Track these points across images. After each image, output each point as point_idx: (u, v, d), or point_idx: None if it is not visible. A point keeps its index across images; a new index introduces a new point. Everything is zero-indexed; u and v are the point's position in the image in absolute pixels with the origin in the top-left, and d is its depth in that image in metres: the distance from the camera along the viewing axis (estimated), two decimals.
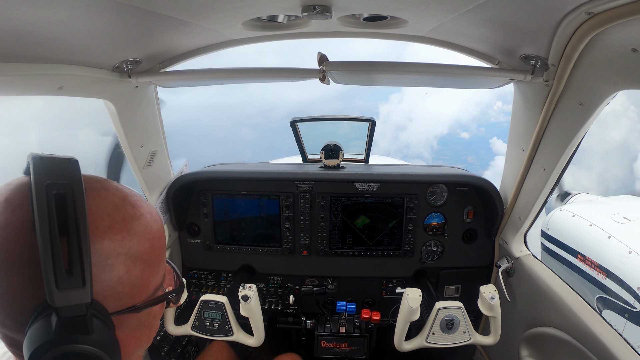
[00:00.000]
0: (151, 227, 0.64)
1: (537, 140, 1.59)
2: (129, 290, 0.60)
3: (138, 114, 1.76)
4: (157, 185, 2.08)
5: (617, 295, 3.34)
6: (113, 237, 0.57)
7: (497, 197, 2.02)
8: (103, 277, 0.56)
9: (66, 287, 0.50)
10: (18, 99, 1.24)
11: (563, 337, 1.59)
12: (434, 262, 2.28)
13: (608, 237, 3.57)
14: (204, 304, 1.77)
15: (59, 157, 0.54)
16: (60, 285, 0.50)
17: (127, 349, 0.64)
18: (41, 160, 0.53)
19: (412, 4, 1.13)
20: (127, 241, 0.59)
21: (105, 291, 0.57)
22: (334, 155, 2.21)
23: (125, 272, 0.59)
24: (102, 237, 0.56)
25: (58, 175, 0.52)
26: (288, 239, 2.26)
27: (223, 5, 1.10)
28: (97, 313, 0.56)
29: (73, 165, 0.54)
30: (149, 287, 0.65)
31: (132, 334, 0.65)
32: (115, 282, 0.58)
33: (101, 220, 0.57)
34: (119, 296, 0.59)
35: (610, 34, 1.01)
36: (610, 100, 1.25)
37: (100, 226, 0.56)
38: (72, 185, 0.52)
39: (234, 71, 1.59)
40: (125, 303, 0.61)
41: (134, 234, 0.60)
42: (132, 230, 0.60)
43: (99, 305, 0.56)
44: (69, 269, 0.51)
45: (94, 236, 0.55)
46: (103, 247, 0.56)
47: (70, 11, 0.91)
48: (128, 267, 0.59)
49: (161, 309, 0.74)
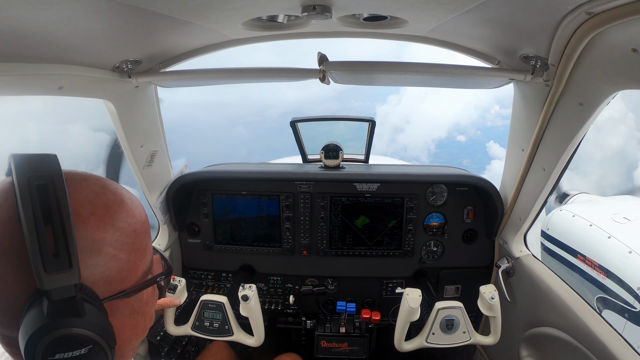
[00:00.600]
0: (133, 211, 0.66)
1: (537, 140, 1.59)
2: (118, 274, 0.62)
3: (138, 114, 1.76)
4: (157, 185, 2.08)
5: (617, 295, 3.33)
6: (96, 223, 0.59)
7: (497, 197, 2.02)
8: (90, 261, 0.58)
9: (54, 270, 0.52)
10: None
11: (563, 337, 1.59)
12: (434, 262, 2.28)
13: (608, 237, 3.57)
14: (204, 304, 1.77)
15: (39, 154, 0.57)
16: (47, 268, 0.52)
17: (122, 337, 0.65)
18: (21, 157, 0.55)
19: (412, 4, 1.13)
20: (110, 226, 0.61)
21: (93, 276, 0.59)
22: (334, 156, 2.21)
23: (112, 256, 0.61)
24: (86, 222, 0.58)
25: (38, 168, 0.54)
26: (288, 239, 2.26)
27: (223, 5, 1.10)
28: (88, 297, 0.57)
29: (52, 159, 0.56)
30: (137, 271, 0.66)
31: (127, 321, 0.67)
32: (103, 267, 0.60)
33: (83, 207, 0.59)
34: (108, 281, 0.61)
35: (610, 34, 1.01)
36: (610, 100, 1.25)
37: (83, 213, 0.58)
38: (52, 176, 0.54)
39: (234, 71, 1.59)
40: (115, 288, 0.62)
41: (116, 219, 0.62)
42: (115, 215, 0.62)
43: (88, 289, 0.58)
44: (56, 253, 0.52)
45: (77, 222, 0.57)
46: (87, 232, 0.58)
47: (70, 11, 0.91)
48: (114, 251, 0.61)
49: (153, 296, 0.75)
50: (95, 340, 0.57)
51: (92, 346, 0.57)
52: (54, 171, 0.55)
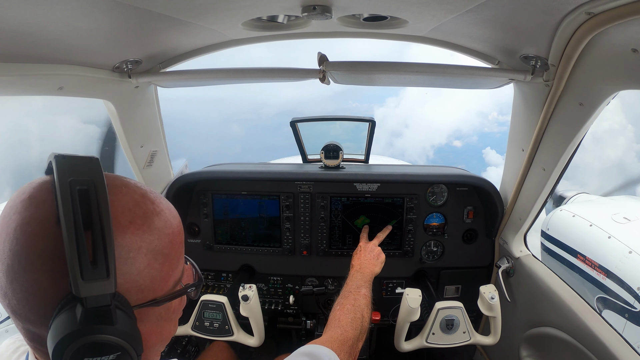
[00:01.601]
0: (170, 222, 0.66)
1: (537, 140, 1.59)
2: (150, 283, 0.62)
3: (138, 114, 1.76)
4: (157, 186, 2.08)
5: (617, 295, 3.33)
6: (134, 232, 0.59)
7: (497, 197, 2.02)
8: (125, 269, 0.58)
9: (91, 278, 0.52)
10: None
11: (563, 337, 1.59)
12: (434, 262, 2.28)
13: (608, 237, 3.56)
14: (204, 304, 1.77)
15: (81, 156, 0.57)
16: (85, 276, 0.52)
17: (148, 343, 0.66)
18: (63, 158, 0.55)
19: (412, 4, 1.13)
20: (148, 235, 0.61)
21: (127, 284, 0.59)
22: (334, 156, 2.21)
23: (147, 265, 0.61)
24: (124, 231, 0.58)
25: (80, 172, 0.54)
26: (288, 239, 2.26)
27: (223, 5, 1.10)
28: (120, 305, 0.57)
29: (94, 163, 0.56)
30: (169, 281, 0.67)
31: (153, 328, 0.67)
32: (137, 275, 0.60)
33: (123, 215, 0.59)
34: (140, 289, 0.61)
35: (610, 34, 1.01)
36: (610, 100, 1.25)
37: (122, 221, 0.58)
38: (94, 181, 0.54)
39: (234, 71, 1.59)
40: (147, 296, 0.62)
41: (154, 229, 0.62)
42: (153, 225, 0.62)
43: (121, 297, 0.58)
44: (94, 261, 0.52)
45: (116, 230, 0.56)
46: (125, 240, 0.58)
47: (70, 11, 0.91)
48: (149, 260, 0.61)
49: (180, 304, 0.76)
50: (124, 347, 0.57)
51: (120, 353, 0.57)
52: (96, 176, 0.55)
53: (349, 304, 1.40)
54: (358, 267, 1.73)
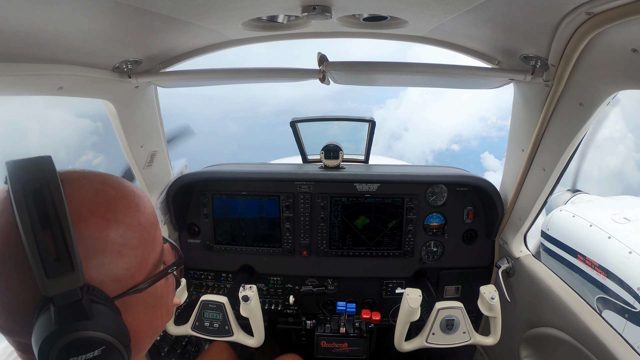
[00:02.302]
0: (137, 204, 0.64)
1: (537, 141, 1.59)
2: (126, 270, 0.60)
3: (138, 114, 1.76)
4: (157, 186, 2.08)
5: (617, 295, 3.33)
6: (98, 221, 0.58)
7: (497, 198, 2.02)
8: (95, 261, 0.57)
9: (56, 274, 0.51)
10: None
11: (563, 338, 1.59)
12: (434, 262, 2.28)
13: (608, 238, 3.56)
14: (204, 304, 1.77)
15: (32, 157, 0.56)
16: (49, 273, 0.51)
17: (139, 333, 0.64)
18: (15, 163, 0.54)
19: (412, 4, 1.13)
20: (114, 222, 0.59)
21: (100, 275, 0.57)
22: (334, 156, 2.21)
23: (117, 253, 0.59)
24: (87, 221, 0.57)
25: (32, 172, 0.53)
26: (288, 239, 2.26)
27: (223, 5, 1.10)
28: (97, 298, 0.56)
29: (46, 161, 0.55)
30: (147, 264, 0.65)
31: (142, 317, 0.65)
32: (109, 265, 0.58)
33: (83, 206, 0.57)
34: (116, 278, 0.59)
35: (610, 34, 1.01)
36: (610, 100, 1.25)
37: (83, 212, 0.57)
38: (46, 178, 0.53)
39: (234, 71, 1.59)
40: (126, 285, 0.61)
41: (119, 214, 0.60)
42: (117, 210, 0.60)
43: (96, 290, 0.56)
44: (57, 257, 0.51)
45: (78, 222, 0.55)
46: (89, 231, 0.57)
47: (70, 11, 0.91)
48: (119, 247, 0.59)
49: (168, 288, 0.73)
50: (107, 341, 0.56)
51: (104, 347, 0.56)
52: (48, 173, 0.54)
53: None
54: None
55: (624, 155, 21.77)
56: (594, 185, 18.54)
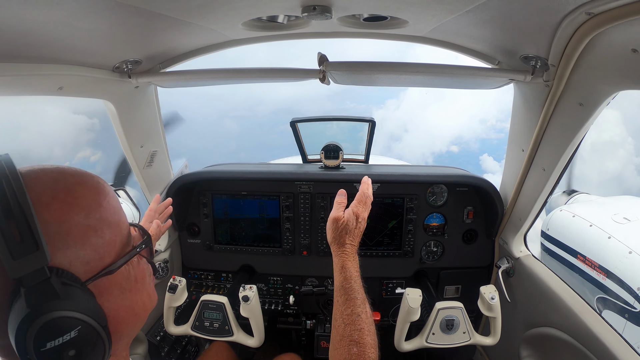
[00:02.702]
0: (96, 188, 0.66)
1: (537, 141, 1.59)
2: (94, 252, 0.62)
3: (138, 114, 1.76)
4: (157, 186, 2.08)
5: (617, 295, 3.33)
6: (59, 205, 0.59)
7: (497, 198, 2.02)
8: (60, 244, 0.58)
9: (21, 255, 0.53)
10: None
11: (563, 338, 1.59)
12: (434, 262, 2.28)
13: (608, 238, 3.56)
14: (204, 304, 1.77)
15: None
16: (14, 255, 0.53)
17: (117, 318, 0.65)
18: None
19: (412, 4, 1.13)
20: (75, 206, 0.61)
21: (68, 258, 0.58)
22: (334, 156, 2.21)
23: (83, 235, 0.61)
24: (48, 207, 0.58)
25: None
26: (288, 239, 2.26)
27: (223, 5, 1.10)
28: (67, 280, 0.57)
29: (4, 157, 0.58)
30: (114, 246, 0.66)
31: (120, 302, 0.66)
32: (75, 247, 0.60)
33: (44, 194, 0.59)
34: (85, 261, 0.60)
35: (610, 34, 1.01)
36: (610, 100, 1.25)
37: (44, 198, 0.58)
38: (5, 170, 0.56)
39: (234, 71, 1.59)
40: (95, 267, 0.62)
41: (79, 198, 0.62)
42: (78, 194, 0.62)
43: (66, 272, 0.58)
44: (21, 239, 0.53)
45: (40, 209, 0.57)
46: (52, 216, 0.58)
47: (70, 11, 0.91)
48: (84, 230, 0.61)
49: (142, 272, 0.74)
50: (82, 320, 0.56)
51: (80, 327, 0.56)
52: (7, 166, 0.56)
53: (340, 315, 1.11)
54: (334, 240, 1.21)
55: (624, 159, 21.66)
56: (592, 189, 18.47)
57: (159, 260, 2.15)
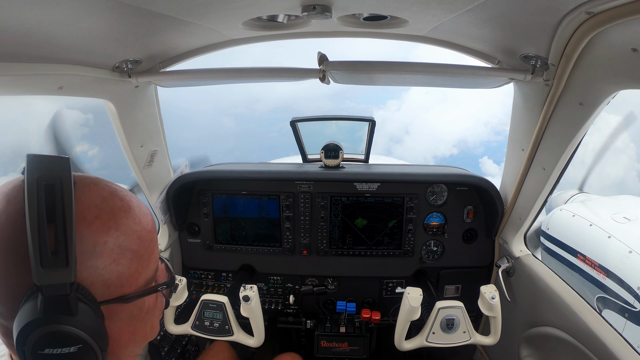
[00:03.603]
0: (140, 219, 0.67)
1: (537, 140, 1.59)
2: (117, 279, 0.62)
3: (138, 114, 1.76)
4: (157, 185, 2.08)
5: (617, 295, 3.33)
6: (100, 227, 0.60)
7: (497, 197, 2.02)
8: (89, 263, 0.59)
9: (50, 266, 0.53)
10: None
11: (563, 337, 1.59)
12: (434, 262, 2.28)
13: (608, 237, 3.56)
14: (205, 303, 1.77)
15: (52, 155, 0.58)
16: (44, 263, 0.53)
17: (119, 342, 0.66)
18: (35, 157, 0.57)
19: (412, 4, 1.13)
20: (114, 231, 0.62)
21: (92, 277, 0.59)
22: (334, 155, 2.21)
23: (113, 260, 0.61)
24: (89, 225, 0.59)
25: (49, 169, 0.56)
26: (288, 238, 2.26)
27: (223, 5, 1.10)
28: (84, 298, 0.58)
29: (64, 161, 0.58)
30: (139, 279, 0.67)
31: (125, 327, 0.67)
32: (103, 270, 0.60)
33: (89, 211, 0.60)
34: (106, 284, 0.61)
35: (610, 33, 1.01)
36: (610, 100, 1.25)
37: (88, 216, 0.60)
38: (60, 177, 0.56)
39: (234, 71, 1.59)
40: (114, 292, 0.63)
41: (121, 225, 0.63)
42: (120, 221, 0.63)
43: (85, 290, 0.59)
44: (54, 251, 0.54)
45: (81, 224, 0.58)
46: (90, 235, 0.59)
47: (70, 11, 0.91)
48: (115, 256, 0.62)
49: (156, 306, 0.75)
50: (85, 340, 0.57)
51: (81, 345, 0.57)
52: (63, 173, 0.56)
53: None
54: None
55: (626, 165, 21.42)
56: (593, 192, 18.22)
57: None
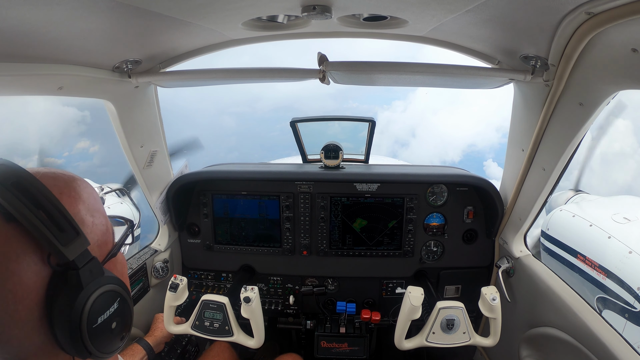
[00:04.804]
0: (84, 183, 0.72)
1: (537, 140, 1.59)
2: (102, 237, 0.69)
3: (138, 114, 1.76)
4: (157, 185, 2.08)
5: (617, 295, 3.33)
6: (68, 199, 0.65)
7: (497, 197, 2.02)
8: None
9: (68, 242, 0.58)
10: None
11: (563, 337, 1.59)
12: (434, 262, 2.28)
13: (608, 237, 3.57)
14: (205, 303, 1.77)
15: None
16: (63, 241, 0.57)
17: None
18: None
19: (412, 4, 1.13)
20: (79, 199, 0.67)
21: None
22: (334, 156, 2.21)
23: (91, 223, 0.67)
24: (61, 201, 0.62)
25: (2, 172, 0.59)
26: (288, 239, 2.26)
27: (223, 5, 1.10)
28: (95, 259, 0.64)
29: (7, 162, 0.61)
30: (110, 230, 0.73)
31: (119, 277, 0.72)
32: (91, 234, 0.65)
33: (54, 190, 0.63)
34: (98, 245, 0.67)
35: (610, 34, 1.01)
36: (610, 100, 1.25)
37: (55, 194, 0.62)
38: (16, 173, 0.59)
39: (234, 71, 1.59)
40: (105, 250, 0.69)
41: (79, 191, 0.68)
42: (77, 189, 0.68)
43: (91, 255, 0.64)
44: (60, 228, 0.58)
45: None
46: (67, 207, 0.62)
47: (70, 11, 0.91)
48: (91, 218, 0.67)
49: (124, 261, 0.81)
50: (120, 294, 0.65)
51: (119, 299, 0.65)
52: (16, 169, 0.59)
53: None
54: None
55: (635, 171, 21.12)
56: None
57: (159, 260, 2.15)
